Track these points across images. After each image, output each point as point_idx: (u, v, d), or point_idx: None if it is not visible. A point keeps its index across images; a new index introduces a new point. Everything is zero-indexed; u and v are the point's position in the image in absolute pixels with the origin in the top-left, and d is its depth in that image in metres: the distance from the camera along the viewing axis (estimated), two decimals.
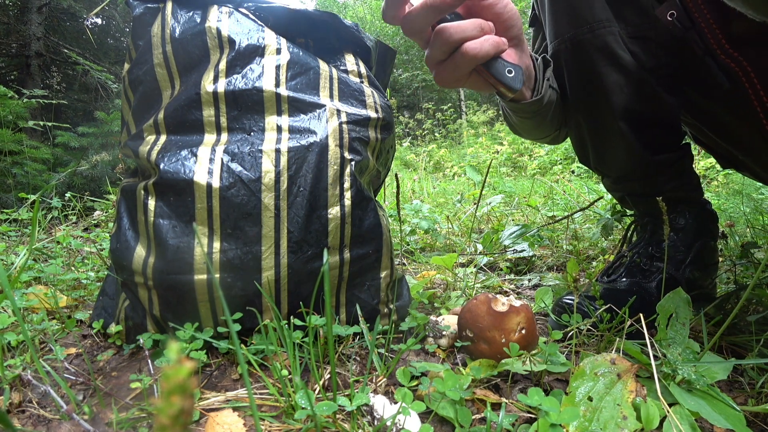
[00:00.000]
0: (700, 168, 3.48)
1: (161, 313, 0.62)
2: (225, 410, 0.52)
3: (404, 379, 0.55)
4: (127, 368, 0.62)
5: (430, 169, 6.37)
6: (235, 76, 0.64)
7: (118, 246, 0.65)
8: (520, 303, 0.60)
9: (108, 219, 1.81)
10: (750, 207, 1.71)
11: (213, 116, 0.64)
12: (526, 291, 1.05)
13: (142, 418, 0.50)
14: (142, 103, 0.70)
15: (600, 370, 0.54)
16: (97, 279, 0.98)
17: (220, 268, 0.60)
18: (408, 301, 0.78)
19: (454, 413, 0.49)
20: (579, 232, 1.55)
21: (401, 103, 14.17)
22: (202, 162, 0.61)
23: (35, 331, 0.68)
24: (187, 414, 0.16)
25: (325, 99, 0.67)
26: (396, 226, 1.50)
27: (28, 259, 0.83)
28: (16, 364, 0.58)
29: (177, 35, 0.65)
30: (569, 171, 4.68)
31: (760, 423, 0.52)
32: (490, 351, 0.59)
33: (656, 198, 0.73)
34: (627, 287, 0.79)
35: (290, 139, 0.64)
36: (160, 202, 0.62)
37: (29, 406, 0.53)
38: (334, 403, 0.45)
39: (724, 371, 0.56)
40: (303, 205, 0.62)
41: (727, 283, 0.96)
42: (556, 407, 0.47)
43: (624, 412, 0.49)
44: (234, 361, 0.63)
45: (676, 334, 0.62)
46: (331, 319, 0.50)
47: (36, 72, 4.44)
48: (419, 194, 3.14)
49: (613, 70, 0.69)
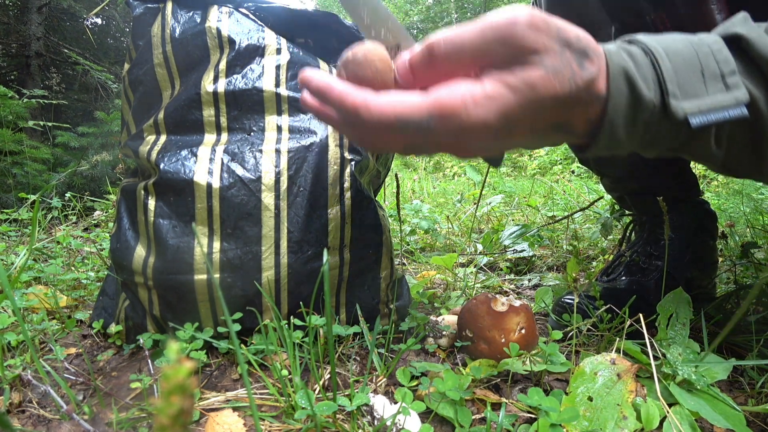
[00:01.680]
0: (700, 168, 3.49)
1: (161, 313, 0.62)
2: (225, 410, 0.52)
3: (404, 379, 0.55)
4: (127, 368, 0.62)
5: (430, 169, 6.37)
6: (235, 76, 0.64)
7: (118, 246, 0.65)
8: (520, 303, 0.60)
9: (108, 219, 1.81)
10: (750, 207, 1.71)
11: (213, 116, 0.64)
12: (526, 291, 1.05)
13: (142, 418, 0.50)
14: (142, 103, 0.70)
15: (600, 371, 0.54)
16: (97, 279, 0.98)
17: (220, 268, 0.60)
18: (408, 301, 0.78)
19: (454, 413, 0.49)
20: (579, 232, 1.55)
21: None
22: (202, 162, 0.61)
23: (35, 331, 0.68)
24: (187, 414, 0.16)
25: None
26: (396, 226, 1.50)
27: (28, 259, 0.83)
28: (16, 364, 0.58)
29: (177, 35, 0.65)
30: (569, 171, 4.69)
31: (760, 423, 0.52)
32: (490, 351, 0.59)
33: (655, 198, 0.73)
34: (626, 286, 0.79)
35: (290, 139, 0.64)
36: (160, 202, 0.62)
37: (29, 406, 0.53)
38: (334, 403, 0.45)
39: (724, 371, 0.56)
40: (303, 205, 0.62)
41: (727, 283, 0.95)
42: (556, 407, 0.47)
43: (624, 412, 0.49)
44: (234, 361, 0.63)
45: (677, 334, 0.62)
46: (331, 319, 0.50)
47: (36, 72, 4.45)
48: (419, 194, 3.14)
49: None
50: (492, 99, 0.33)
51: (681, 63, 0.37)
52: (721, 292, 0.88)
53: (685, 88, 0.37)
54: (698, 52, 0.37)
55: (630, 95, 0.36)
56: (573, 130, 0.38)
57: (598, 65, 0.35)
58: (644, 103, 0.36)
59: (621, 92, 0.36)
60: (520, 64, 0.33)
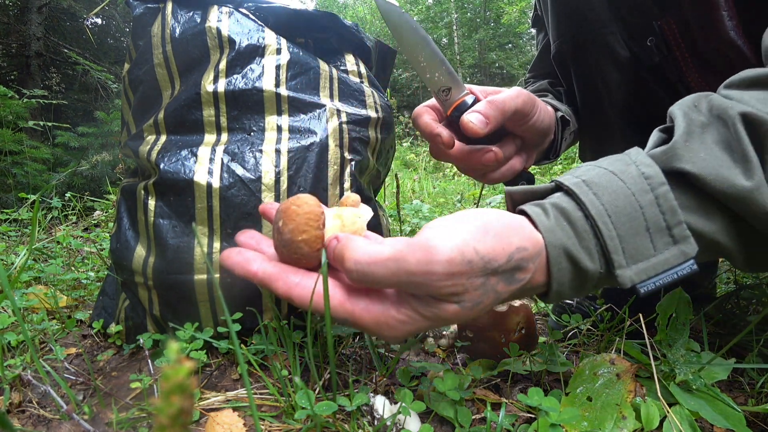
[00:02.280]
0: None
1: (161, 313, 0.62)
2: (225, 410, 0.52)
3: (404, 379, 0.55)
4: (127, 368, 0.62)
5: (430, 169, 6.36)
6: (235, 76, 0.64)
7: (118, 246, 0.65)
8: (520, 303, 0.60)
9: (108, 219, 1.81)
10: None
11: (213, 116, 0.64)
12: None
13: (142, 418, 0.50)
14: (142, 103, 0.70)
15: (599, 371, 0.54)
16: (97, 279, 0.98)
17: (220, 268, 0.60)
18: None
19: (454, 413, 0.49)
20: None
21: (401, 103, 14.18)
22: (202, 162, 0.61)
23: (35, 331, 0.68)
24: (186, 414, 0.16)
25: (325, 99, 0.67)
26: (396, 226, 1.50)
27: (28, 259, 0.83)
28: (16, 364, 0.58)
29: (177, 35, 0.65)
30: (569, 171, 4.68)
31: (760, 423, 0.52)
32: (490, 351, 0.59)
33: None
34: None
35: (290, 139, 0.64)
36: (160, 202, 0.62)
37: (29, 406, 0.53)
38: (334, 403, 0.45)
39: (724, 371, 0.56)
40: None
41: (727, 283, 0.96)
42: (556, 407, 0.47)
43: (624, 412, 0.49)
44: (234, 361, 0.63)
45: (676, 334, 0.62)
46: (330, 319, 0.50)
47: (36, 72, 4.45)
48: (419, 194, 3.13)
49: (614, 69, 0.70)
50: (403, 323, 0.37)
51: (624, 222, 0.36)
52: (721, 292, 0.88)
53: (631, 251, 0.36)
54: (641, 204, 0.36)
55: (573, 270, 0.37)
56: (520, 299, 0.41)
57: (533, 267, 0.36)
58: (589, 273, 0.37)
59: (563, 270, 0.37)
60: (437, 301, 0.35)
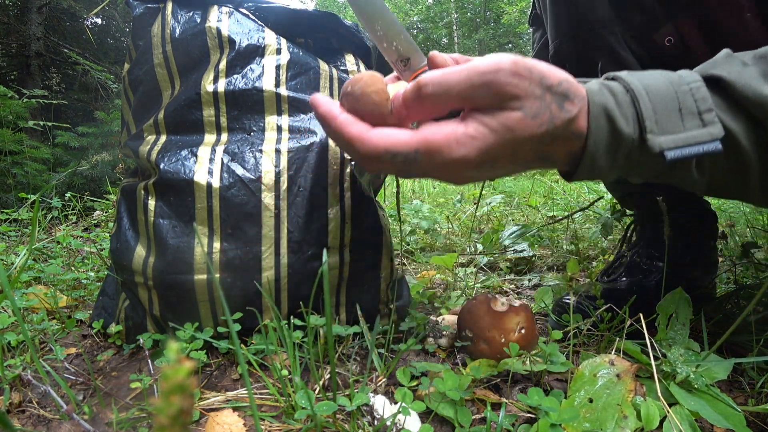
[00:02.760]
0: None
1: (161, 313, 0.62)
2: (225, 410, 0.52)
3: (404, 379, 0.55)
4: (127, 368, 0.62)
5: None
6: (235, 76, 0.64)
7: (118, 246, 0.65)
8: (520, 303, 0.60)
9: (108, 219, 1.81)
10: (750, 207, 1.71)
11: (213, 116, 0.64)
12: (526, 291, 1.05)
13: (142, 418, 0.50)
14: (142, 103, 0.70)
15: (599, 371, 0.54)
16: (97, 279, 0.98)
17: (220, 268, 0.60)
18: (408, 301, 0.78)
19: (454, 413, 0.49)
20: (579, 232, 1.55)
21: None
22: (202, 162, 0.61)
23: (35, 331, 0.68)
24: (186, 414, 0.16)
25: None
26: (396, 226, 1.50)
27: (28, 259, 0.83)
28: (16, 364, 0.58)
29: (177, 35, 0.65)
30: None
31: (760, 423, 0.52)
32: (490, 351, 0.59)
33: (656, 198, 0.73)
34: (627, 287, 0.79)
35: (290, 139, 0.64)
36: (160, 202, 0.62)
37: (29, 406, 0.53)
38: (334, 403, 0.45)
39: (724, 371, 0.56)
40: (303, 205, 0.62)
41: (727, 283, 0.95)
42: (556, 407, 0.47)
43: (624, 412, 0.49)
44: (234, 361, 0.63)
45: (677, 334, 0.62)
46: (331, 319, 0.50)
47: (36, 72, 4.44)
48: (419, 194, 3.13)
49: (615, 69, 0.70)
50: (473, 138, 0.38)
51: (660, 100, 0.40)
52: (721, 292, 0.88)
53: (663, 124, 0.39)
54: (677, 91, 0.40)
55: (610, 130, 0.39)
56: (555, 161, 0.42)
57: (579, 106, 0.39)
58: (623, 137, 0.40)
59: (601, 128, 0.39)
60: (501, 108, 0.37)
